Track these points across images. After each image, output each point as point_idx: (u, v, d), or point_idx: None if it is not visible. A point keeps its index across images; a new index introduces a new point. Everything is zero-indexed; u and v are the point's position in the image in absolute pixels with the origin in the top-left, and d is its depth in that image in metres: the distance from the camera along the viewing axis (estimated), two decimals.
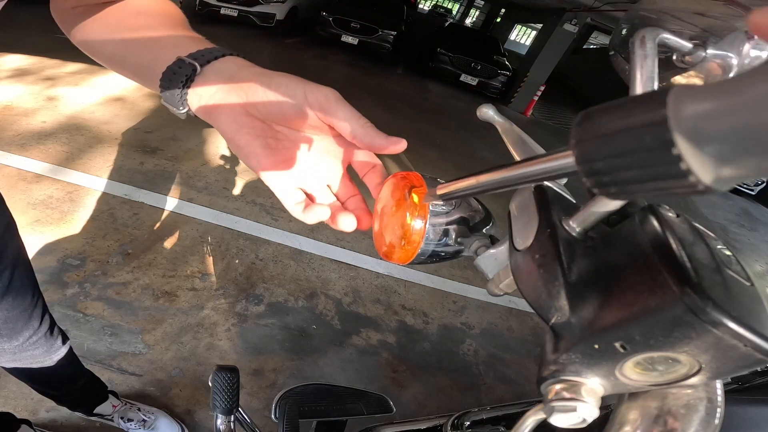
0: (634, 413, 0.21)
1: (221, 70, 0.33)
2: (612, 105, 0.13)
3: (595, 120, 0.13)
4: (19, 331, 0.75)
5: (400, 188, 0.30)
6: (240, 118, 0.31)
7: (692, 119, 0.11)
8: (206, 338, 1.51)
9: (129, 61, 0.39)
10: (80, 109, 2.65)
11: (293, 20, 6.80)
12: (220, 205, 2.22)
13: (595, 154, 0.13)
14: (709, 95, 0.11)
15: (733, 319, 0.14)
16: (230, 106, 0.31)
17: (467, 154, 4.53)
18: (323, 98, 0.30)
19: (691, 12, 0.30)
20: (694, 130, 0.11)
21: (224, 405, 0.62)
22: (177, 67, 0.33)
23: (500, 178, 0.20)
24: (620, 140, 0.12)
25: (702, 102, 0.11)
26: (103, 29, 0.40)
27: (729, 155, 0.11)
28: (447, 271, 2.35)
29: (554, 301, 0.22)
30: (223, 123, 0.31)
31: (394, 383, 1.61)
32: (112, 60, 0.41)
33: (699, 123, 0.11)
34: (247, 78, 0.32)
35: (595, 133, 0.13)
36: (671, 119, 0.11)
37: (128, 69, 0.40)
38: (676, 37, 0.28)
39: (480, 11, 29.04)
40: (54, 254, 1.60)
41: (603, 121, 0.13)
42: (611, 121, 0.13)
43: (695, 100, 0.11)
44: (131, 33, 0.39)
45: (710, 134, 0.11)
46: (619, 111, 0.13)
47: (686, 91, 0.11)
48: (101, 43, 0.41)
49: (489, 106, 0.41)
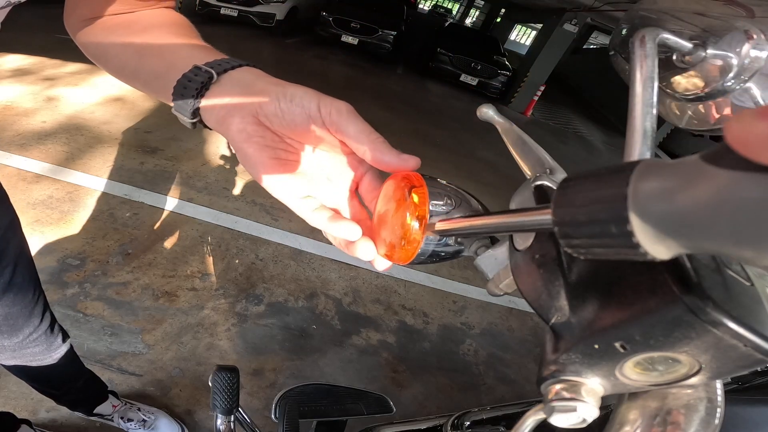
0: (634, 413, 0.21)
1: (237, 78, 0.33)
2: (589, 175, 0.15)
3: (572, 188, 0.15)
4: (19, 328, 0.75)
5: (400, 188, 0.30)
6: (250, 126, 0.31)
7: (645, 198, 0.12)
8: (206, 338, 1.52)
9: (142, 70, 0.39)
10: (80, 109, 2.65)
11: (293, 20, 6.80)
12: (220, 205, 2.22)
13: (568, 219, 0.15)
14: (661, 177, 0.12)
15: (733, 319, 0.14)
16: (242, 114, 0.31)
17: (467, 154, 4.53)
18: (335, 111, 0.30)
19: (690, 12, 0.30)
20: (645, 208, 0.12)
21: (224, 405, 0.62)
22: (193, 74, 0.33)
23: (492, 224, 0.23)
24: (589, 211, 0.14)
25: (654, 182, 0.12)
26: (116, 40, 0.41)
27: (671, 235, 0.12)
28: (447, 271, 2.35)
29: (554, 301, 0.22)
30: (234, 131, 0.31)
31: (394, 383, 1.61)
32: (124, 70, 0.41)
33: (649, 203, 0.12)
34: (262, 87, 0.32)
35: (571, 202, 0.15)
36: (629, 197, 0.13)
37: (140, 79, 0.40)
38: (676, 37, 0.28)
39: (480, 11, 29.04)
40: (54, 254, 1.60)
41: (578, 190, 0.15)
42: (584, 192, 0.15)
43: (649, 180, 0.12)
44: (145, 43, 0.39)
45: (656, 214, 0.12)
46: (592, 183, 0.15)
47: (647, 170, 0.13)
48: (114, 53, 0.41)
49: (489, 106, 0.41)
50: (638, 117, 0.25)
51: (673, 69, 0.30)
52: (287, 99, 0.30)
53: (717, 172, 0.11)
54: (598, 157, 6.85)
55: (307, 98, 0.30)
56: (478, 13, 30.04)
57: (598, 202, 0.14)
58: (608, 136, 8.76)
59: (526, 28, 26.81)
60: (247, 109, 0.31)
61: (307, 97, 0.30)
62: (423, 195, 0.28)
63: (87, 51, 0.44)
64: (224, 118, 0.32)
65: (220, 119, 0.32)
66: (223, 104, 0.32)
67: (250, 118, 0.31)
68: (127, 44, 0.40)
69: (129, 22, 0.42)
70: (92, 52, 0.43)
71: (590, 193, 0.14)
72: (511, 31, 19.79)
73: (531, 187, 0.31)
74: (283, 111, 0.30)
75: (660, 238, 0.12)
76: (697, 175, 0.11)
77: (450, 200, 0.27)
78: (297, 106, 0.30)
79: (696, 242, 0.12)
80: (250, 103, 0.31)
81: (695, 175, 0.11)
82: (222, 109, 0.32)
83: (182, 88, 0.33)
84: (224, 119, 0.32)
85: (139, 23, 0.42)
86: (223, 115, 0.32)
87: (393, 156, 0.29)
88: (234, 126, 0.31)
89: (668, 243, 0.12)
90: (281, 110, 0.31)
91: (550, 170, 0.33)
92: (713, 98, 0.29)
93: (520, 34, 28.13)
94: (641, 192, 0.12)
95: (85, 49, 0.44)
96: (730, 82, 0.27)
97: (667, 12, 0.31)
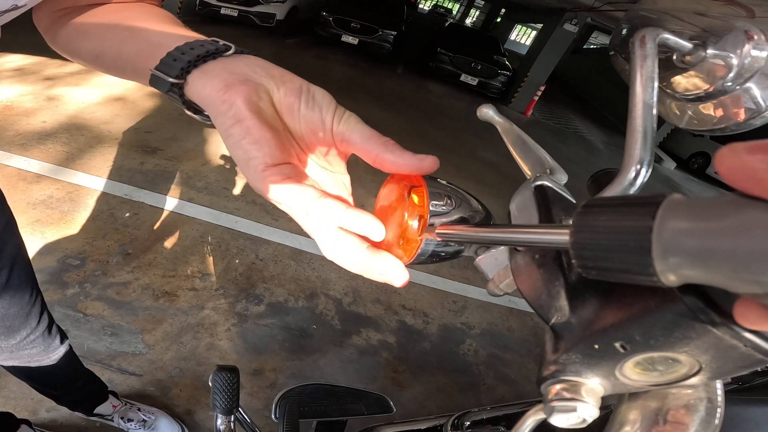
0: (634, 413, 0.21)
1: (253, 60, 0.30)
2: (611, 202, 0.15)
3: (593, 214, 0.16)
4: (16, 330, 0.74)
5: (399, 188, 0.30)
6: (263, 102, 0.27)
7: (672, 234, 0.13)
8: (206, 338, 1.52)
9: (133, 45, 0.34)
10: (81, 108, 2.65)
11: (293, 20, 6.81)
12: (220, 205, 2.22)
13: (587, 244, 0.15)
14: (692, 215, 0.12)
15: (733, 319, 0.14)
16: (255, 87, 0.27)
17: (467, 154, 4.53)
18: (346, 118, 0.28)
19: (691, 12, 0.30)
20: (670, 243, 0.13)
21: (224, 405, 0.62)
22: (208, 42, 0.30)
23: (498, 236, 0.23)
24: (609, 238, 0.15)
25: (684, 221, 0.12)
26: (99, 20, 0.38)
27: (690, 269, 0.12)
28: (447, 271, 2.35)
29: (554, 301, 0.22)
30: (242, 100, 0.26)
31: (394, 383, 1.61)
32: (103, 55, 0.37)
33: (676, 238, 0.12)
34: (281, 73, 0.29)
35: (592, 228, 0.15)
36: (655, 231, 0.13)
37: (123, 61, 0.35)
38: (677, 37, 0.28)
39: (480, 11, 29.04)
40: (54, 254, 1.60)
41: (600, 217, 0.15)
42: (606, 220, 0.15)
43: (679, 218, 0.13)
44: (133, 25, 0.36)
45: (682, 250, 0.12)
46: (615, 211, 0.15)
47: (675, 206, 0.13)
48: (95, 32, 0.37)
49: (489, 106, 0.41)
50: (638, 117, 0.25)
51: (673, 69, 0.30)
52: (310, 94, 0.28)
53: (752, 214, 0.11)
54: (598, 157, 6.85)
55: (328, 100, 0.28)
56: (478, 13, 30.04)
57: (621, 231, 0.14)
58: (608, 136, 8.76)
59: (526, 28, 26.80)
60: (263, 86, 0.28)
61: (328, 99, 0.28)
62: (423, 195, 0.28)
63: (59, 42, 0.40)
64: (232, 84, 0.27)
65: (225, 85, 0.27)
66: (235, 69, 0.28)
67: (264, 95, 0.28)
68: (112, 25, 0.36)
69: (112, 9, 0.39)
70: (66, 36, 0.39)
71: (613, 222, 0.15)
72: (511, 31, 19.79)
73: (531, 187, 0.31)
74: (302, 106, 0.28)
75: (677, 270, 0.13)
76: (731, 214, 0.11)
77: (450, 200, 0.27)
78: (316, 106, 0.28)
79: (715, 277, 0.12)
80: (268, 81, 0.28)
81: (729, 215, 0.11)
82: (231, 75, 0.28)
83: (188, 48, 0.29)
84: (232, 85, 0.27)
85: (125, 11, 0.38)
86: (232, 82, 0.27)
87: (408, 156, 0.27)
88: (243, 94, 0.27)
89: (684, 275, 0.13)
90: (301, 104, 0.28)
91: (550, 170, 0.33)
92: (713, 98, 0.29)
93: (520, 34, 28.12)
94: (668, 225, 0.13)
95: (57, 42, 0.40)
96: (730, 82, 0.27)
97: (668, 12, 0.31)
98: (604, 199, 0.16)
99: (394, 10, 7.75)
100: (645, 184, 0.25)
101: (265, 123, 0.27)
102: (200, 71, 0.28)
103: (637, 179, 0.24)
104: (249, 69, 0.28)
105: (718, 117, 0.30)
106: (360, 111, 0.30)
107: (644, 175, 0.24)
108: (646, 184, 0.25)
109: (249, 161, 0.26)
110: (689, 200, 0.13)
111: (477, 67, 7.31)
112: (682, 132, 8.66)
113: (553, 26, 7.35)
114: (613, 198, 0.16)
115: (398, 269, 0.27)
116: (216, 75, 0.28)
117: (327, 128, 0.28)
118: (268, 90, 0.28)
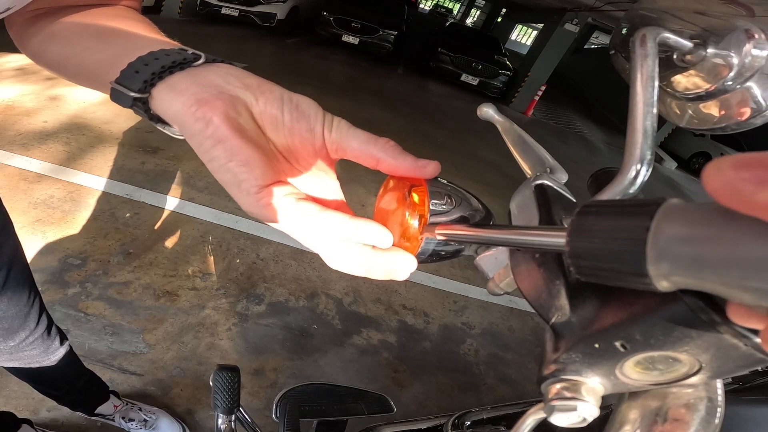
0: (634, 413, 0.21)
1: (226, 69, 0.28)
2: (609, 205, 0.15)
3: (590, 217, 0.16)
4: (14, 332, 0.74)
5: (399, 187, 0.30)
6: (242, 117, 0.25)
7: (667, 239, 0.13)
8: (207, 338, 1.52)
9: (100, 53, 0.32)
10: (82, 108, 2.66)
11: (294, 20, 6.82)
12: (221, 205, 2.22)
13: (584, 246, 0.16)
14: (686, 223, 0.12)
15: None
16: (231, 101, 0.25)
17: (468, 154, 4.53)
18: (337, 125, 0.26)
19: (691, 11, 0.30)
20: (665, 248, 0.13)
21: (225, 404, 0.62)
22: (175, 51, 0.27)
23: (497, 237, 0.23)
24: (605, 243, 0.15)
25: (679, 228, 0.12)
26: (67, 26, 0.35)
27: (685, 276, 0.12)
28: (447, 271, 2.35)
29: (555, 300, 0.22)
30: (219, 117, 0.24)
31: (394, 383, 1.61)
32: (66, 62, 0.34)
33: (670, 246, 0.13)
34: (259, 82, 0.27)
35: (589, 230, 0.16)
36: (650, 237, 0.13)
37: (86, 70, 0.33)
38: (677, 36, 0.28)
39: (481, 11, 29.02)
40: (55, 254, 1.61)
41: (597, 220, 0.15)
42: (603, 225, 0.15)
43: (674, 226, 0.13)
44: (108, 26, 0.33)
45: (675, 257, 0.12)
46: (612, 214, 0.15)
47: (673, 210, 0.13)
48: (60, 43, 0.35)
49: (489, 105, 0.41)
50: (639, 116, 0.25)
51: (673, 68, 0.30)
52: (293, 104, 0.26)
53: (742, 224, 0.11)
54: (599, 156, 6.84)
55: (314, 108, 0.26)
56: (478, 13, 30.03)
57: (617, 237, 0.14)
58: (609, 135, 8.75)
59: (526, 28, 26.79)
60: (240, 99, 0.25)
61: (314, 107, 0.26)
62: (423, 194, 0.28)
63: (30, 42, 0.37)
64: (205, 100, 0.24)
65: (197, 101, 0.24)
66: (206, 82, 0.26)
67: (243, 109, 0.25)
68: (80, 29, 0.33)
69: (85, 13, 0.36)
70: (35, 40, 0.37)
71: (608, 224, 0.15)
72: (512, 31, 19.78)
73: (531, 186, 0.31)
74: (286, 117, 0.26)
75: (670, 276, 0.13)
76: (726, 224, 0.11)
77: (450, 199, 0.27)
78: (303, 117, 0.26)
79: (706, 285, 0.12)
80: (245, 92, 0.26)
81: (721, 225, 0.11)
82: (203, 89, 0.25)
83: (152, 58, 0.26)
84: (205, 101, 0.24)
85: (96, 16, 0.35)
86: (204, 96, 0.25)
87: (408, 161, 0.26)
88: (219, 110, 0.24)
89: (677, 281, 0.13)
90: (284, 115, 0.26)
91: (551, 169, 0.33)
92: (714, 97, 0.29)
93: (521, 33, 28.11)
94: (663, 232, 0.13)
95: (27, 41, 0.38)
96: (730, 81, 0.27)
97: (668, 11, 0.31)
98: (601, 203, 0.16)
99: (395, 10, 7.76)
100: (645, 184, 0.25)
101: (250, 141, 0.25)
102: (166, 84, 0.26)
103: (638, 179, 0.24)
104: (221, 80, 0.26)
105: (718, 116, 0.30)
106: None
107: (644, 174, 0.24)
108: (646, 183, 0.25)
109: (240, 184, 0.24)
110: (684, 207, 0.13)
111: (478, 67, 7.32)
112: (684, 132, 8.65)
113: (554, 26, 7.35)
114: (610, 202, 0.16)
115: (407, 260, 0.27)
116: (185, 89, 0.25)
117: (318, 138, 0.26)
118: (246, 103, 0.26)
